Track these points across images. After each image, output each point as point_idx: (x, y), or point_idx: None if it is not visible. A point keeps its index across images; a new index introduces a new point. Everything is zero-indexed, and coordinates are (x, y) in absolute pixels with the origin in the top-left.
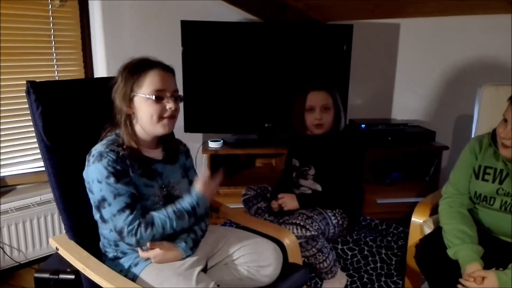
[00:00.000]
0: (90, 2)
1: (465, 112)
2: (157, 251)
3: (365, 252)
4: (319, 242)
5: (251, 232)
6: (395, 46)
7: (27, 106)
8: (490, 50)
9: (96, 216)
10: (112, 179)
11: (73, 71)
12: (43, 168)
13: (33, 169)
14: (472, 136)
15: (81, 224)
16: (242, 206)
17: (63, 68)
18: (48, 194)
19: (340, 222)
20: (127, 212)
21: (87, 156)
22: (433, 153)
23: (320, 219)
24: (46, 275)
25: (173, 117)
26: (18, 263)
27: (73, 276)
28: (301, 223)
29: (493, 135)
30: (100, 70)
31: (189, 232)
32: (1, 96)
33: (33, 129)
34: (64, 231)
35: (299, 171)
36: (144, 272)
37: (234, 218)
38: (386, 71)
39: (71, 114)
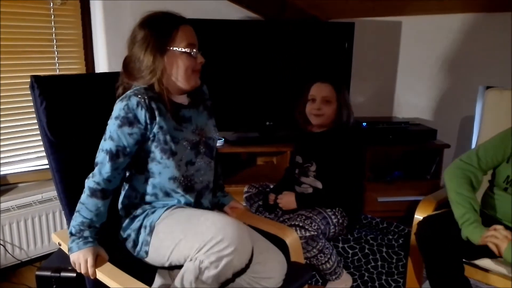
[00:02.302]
0: (91, 1)
1: (467, 110)
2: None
3: (366, 251)
4: (320, 243)
5: (258, 235)
6: (397, 44)
7: (29, 104)
8: (492, 48)
9: (132, 170)
10: (117, 122)
11: (74, 69)
12: (45, 166)
13: (34, 167)
14: (474, 135)
15: None
16: (244, 204)
17: (64, 66)
18: (49, 192)
19: (341, 221)
20: (107, 158)
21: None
22: (434, 152)
23: (319, 219)
24: (48, 273)
25: (199, 71)
26: (19, 261)
27: (74, 274)
28: (300, 224)
29: None
30: (102, 68)
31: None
32: (3, 94)
33: (34, 127)
34: (66, 228)
35: (301, 167)
36: (164, 215)
37: (237, 216)
38: (388, 69)
39: (75, 109)
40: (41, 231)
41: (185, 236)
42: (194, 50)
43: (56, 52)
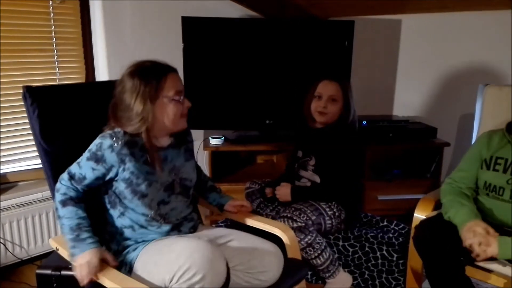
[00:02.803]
0: None
1: (467, 108)
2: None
3: (366, 249)
4: (309, 236)
5: (252, 234)
6: (397, 42)
7: None
8: (492, 46)
9: (107, 205)
10: (87, 155)
11: (74, 67)
12: None
13: (34, 165)
14: (474, 133)
15: None
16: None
17: (64, 65)
18: (49, 191)
19: (337, 214)
20: (65, 179)
21: None
22: (434, 150)
23: (310, 211)
24: (48, 272)
25: (187, 114)
26: (20, 260)
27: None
28: (289, 215)
29: (508, 127)
30: (101, 67)
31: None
32: (3, 92)
33: None
34: None
35: (301, 161)
36: (141, 253)
37: (234, 215)
38: (388, 67)
39: (68, 118)
40: (41, 229)
41: (157, 268)
42: (181, 96)
43: (55, 51)
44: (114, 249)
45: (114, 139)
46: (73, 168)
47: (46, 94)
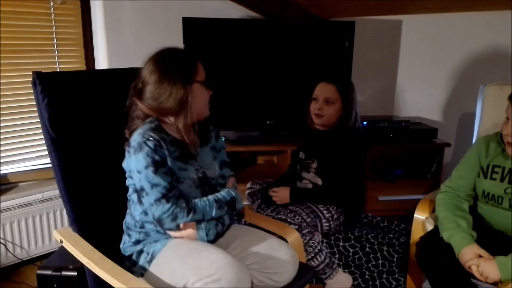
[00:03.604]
0: (91, 0)
1: (468, 109)
2: (190, 231)
3: (367, 249)
4: (302, 237)
5: (267, 233)
6: (397, 42)
7: (30, 103)
8: (493, 46)
9: (133, 196)
10: (150, 169)
11: (75, 68)
12: (46, 165)
13: (35, 166)
14: (475, 133)
15: (86, 217)
16: (245, 202)
17: (65, 65)
18: (50, 191)
19: (336, 216)
20: (163, 202)
21: (126, 148)
22: (435, 150)
23: (306, 213)
24: (49, 272)
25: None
26: (20, 260)
27: (75, 273)
28: (283, 217)
29: (502, 134)
30: (102, 66)
31: (217, 222)
32: (4, 93)
33: (35, 126)
34: (67, 226)
35: (303, 163)
36: (167, 247)
37: (238, 214)
38: (388, 68)
39: (77, 106)
40: (42, 230)
41: (183, 267)
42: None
43: (56, 51)
44: (135, 237)
45: (151, 138)
46: (153, 192)
47: (57, 81)
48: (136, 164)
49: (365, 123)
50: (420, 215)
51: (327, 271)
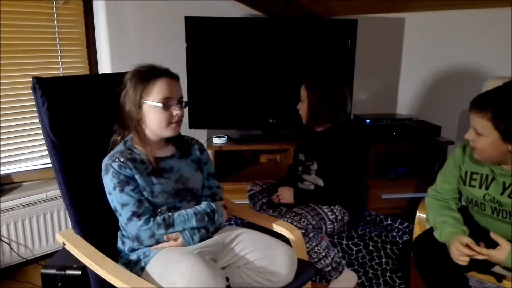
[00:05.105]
0: (94, 0)
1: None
2: (179, 241)
3: (370, 247)
4: (307, 243)
5: (264, 234)
6: (400, 40)
7: (33, 103)
8: (494, 44)
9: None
10: (117, 190)
11: (77, 68)
12: (49, 165)
13: (39, 166)
14: None
15: (88, 220)
16: (247, 201)
17: (67, 65)
18: (54, 191)
19: (340, 217)
20: (135, 219)
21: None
22: (438, 148)
23: (311, 215)
24: (53, 271)
25: (179, 122)
26: (25, 259)
27: (79, 272)
28: (289, 221)
29: None
30: (105, 66)
31: (200, 228)
32: (7, 93)
33: (39, 125)
34: (70, 227)
35: (303, 165)
36: (155, 257)
37: (240, 214)
38: (391, 66)
39: (77, 110)
40: (46, 229)
41: (161, 281)
42: (172, 103)
43: (59, 51)
44: (129, 246)
45: (116, 160)
46: (124, 212)
47: (56, 85)
48: (106, 187)
49: (368, 121)
50: (422, 214)
51: (333, 274)
